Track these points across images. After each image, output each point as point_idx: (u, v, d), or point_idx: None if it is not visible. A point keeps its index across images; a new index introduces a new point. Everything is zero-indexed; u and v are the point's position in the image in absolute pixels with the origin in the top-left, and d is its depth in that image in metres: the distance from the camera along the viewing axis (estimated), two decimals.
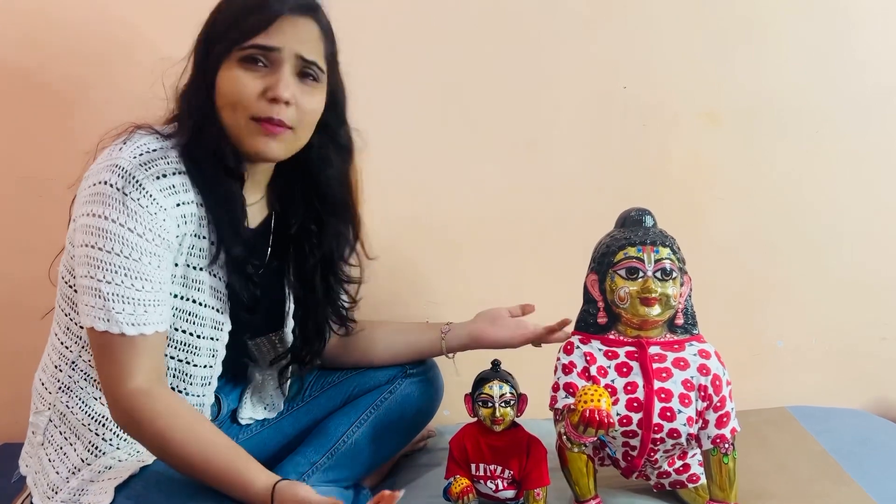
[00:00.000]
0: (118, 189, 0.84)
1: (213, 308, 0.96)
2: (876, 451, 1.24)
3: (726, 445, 0.96)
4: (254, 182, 1.00)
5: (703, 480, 1.04)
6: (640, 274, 0.95)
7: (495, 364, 1.02)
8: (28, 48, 1.31)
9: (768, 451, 1.25)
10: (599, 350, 0.99)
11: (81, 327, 0.92)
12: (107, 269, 0.84)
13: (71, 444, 0.95)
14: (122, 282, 0.85)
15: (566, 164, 1.43)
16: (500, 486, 1.01)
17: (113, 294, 0.84)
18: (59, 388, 0.96)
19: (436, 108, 1.40)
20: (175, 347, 0.95)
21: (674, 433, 0.94)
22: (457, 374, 1.19)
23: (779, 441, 1.28)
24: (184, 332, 0.94)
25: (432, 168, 1.42)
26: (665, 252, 0.96)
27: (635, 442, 0.97)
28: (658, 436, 0.95)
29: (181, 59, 0.95)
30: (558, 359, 1.00)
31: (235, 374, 1.12)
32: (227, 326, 0.98)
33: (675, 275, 0.96)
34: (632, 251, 0.96)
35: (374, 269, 1.43)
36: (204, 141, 0.91)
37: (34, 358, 1.03)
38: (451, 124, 1.40)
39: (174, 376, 0.96)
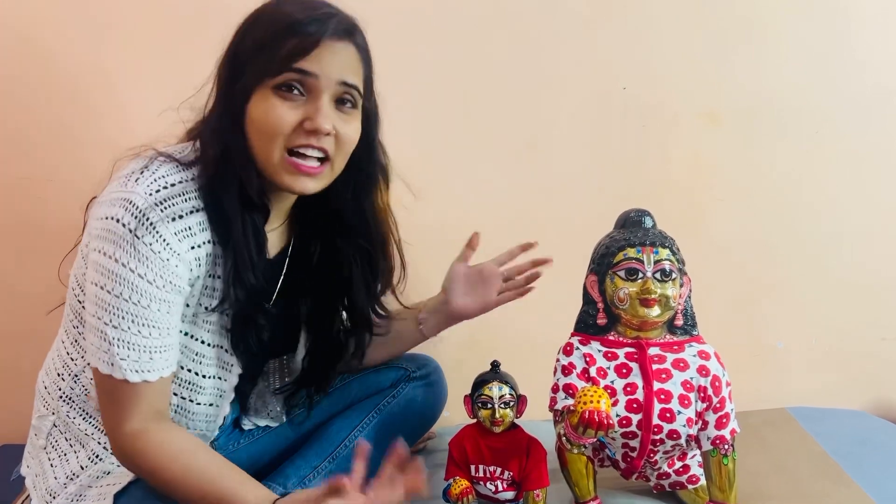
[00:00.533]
0: (130, 230, 0.80)
1: (221, 348, 0.93)
2: (876, 452, 1.24)
3: (726, 446, 0.96)
4: (278, 210, 0.95)
5: (703, 481, 1.04)
6: (640, 275, 0.95)
7: (495, 365, 1.02)
8: (28, 48, 1.31)
9: (768, 452, 1.25)
10: (599, 351, 0.99)
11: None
12: (114, 314, 0.81)
13: (74, 451, 0.94)
14: (129, 328, 0.82)
15: (566, 164, 1.43)
16: (500, 488, 1.01)
17: (118, 339, 0.82)
18: (61, 396, 0.95)
19: (436, 108, 1.39)
20: (179, 385, 0.92)
21: (673, 434, 0.94)
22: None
23: (778, 442, 1.28)
24: (188, 370, 0.92)
25: (432, 168, 1.42)
26: (664, 253, 0.96)
27: (635, 443, 0.97)
28: (658, 437, 0.95)
29: (203, 83, 0.90)
30: (557, 360, 1.00)
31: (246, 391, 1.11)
32: (237, 368, 0.95)
33: (674, 276, 0.96)
34: (631, 252, 0.96)
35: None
36: (229, 173, 0.85)
37: (35, 360, 1.03)
38: (450, 124, 1.40)
39: (176, 412, 0.93)
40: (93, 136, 0.94)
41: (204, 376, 0.93)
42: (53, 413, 0.96)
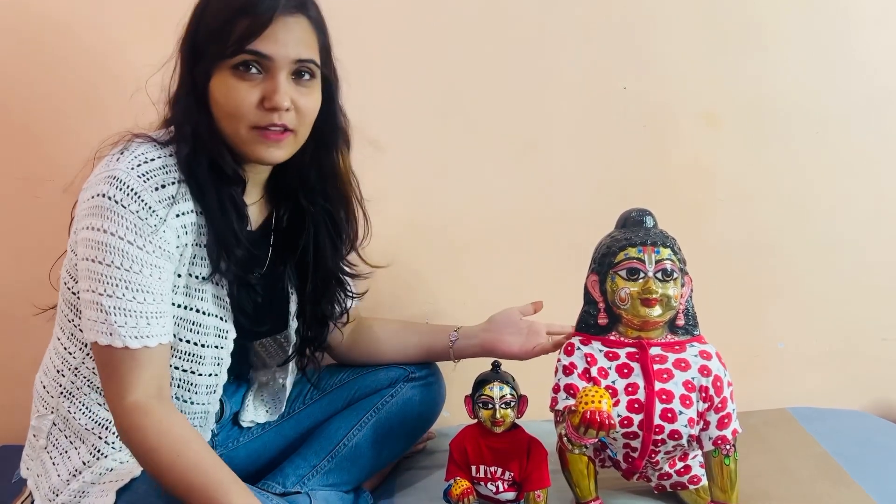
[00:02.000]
0: (117, 202, 0.83)
1: (216, 317, 0.95)
2: (877, 453, 1.23)
3: (727, 447, 0.95)
4: (254, 182, 0.99)
5: (705, 482, 1.03)
6: (641, 275, 0.95)
7: (495, 365, 1.02)
8: (26, 48, 1.31)
9: (769, 453, 1.24)
10: (600, 351, 0.98)
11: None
12: (108, 283, 0.84)
13: (75, 448, 0.94)
14: (124, 294, 0.84)
15: (566, 164, 1.43)
16: (501, 488, 1.01)
17: (114, 307, 0.84)
18: (61, 392, 0.95)
19: (436, 109, 1.39)
20: (179, 357, 0.94)
21: (675, 434, 0.94)
22: (454, 369, 1.19)
23: (780, 442, 1.28)
24: (188, 342, 0.93)
25: (432, 169, 1.42)
26: (666, 253, 0.96)
27: (636, 443, 0.96)
28: (659, 437, 0.95)
29: (165, 63, 0.92)
30: (559, 360, 1.00)
31: (238, 376, 1.12)
32: (232, 335, 0.97)
33: (675, 275, 0.95)
34: (632, 252, 0.96)
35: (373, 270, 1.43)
36: (202, 149, 0.89)
37: (32, 360, 1.03)
38: (451, 125, 1.40)
39: (179, 386, 0.95)
40: (92, 135, 0.95)
41: (203, 346, 0.95)
42: (53, 412, 0.96)
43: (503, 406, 0.98)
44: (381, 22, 1.36)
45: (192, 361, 0.95)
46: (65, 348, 0.95)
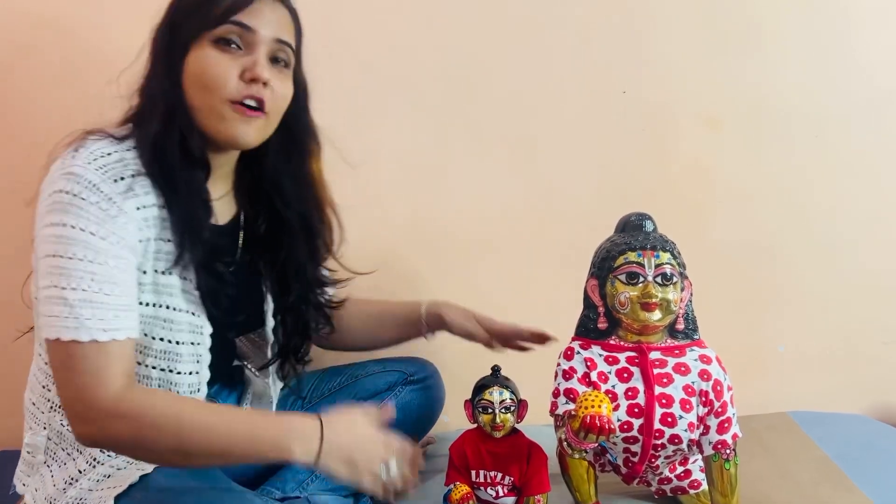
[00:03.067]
0: (75, 195, 0.81)
1: (188, 312, 0.92)
2: (878, 457, 1.23)
3: (728, 451, 0.95)
4: (218, 175, 0.97)
5: (705, 486, 1.03)
6: (641, 279, 0.95)
7: (495, 370, 1.02)
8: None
9: (770, 457, 1.24)
10: (600, 355, 0.98)
11: None
12: (72, 276, 0.81)
13: (72, 458, 0.93)
14: (90, 287, 0.81)
15: (566, 168, 1.43)
16: (501, 493, 1.01)
17: (80, 300, 0.81)
18: (51, 407, 0.93)
19: (437, 111, 1.39)
20: (156, 357, 0.91)
21: (675, 439, 0.94)
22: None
23: (780, 446, 1.28)
24: (161, 339, 0.90)
25: (433, 172, 1.42)
26: (665, 257, 0.96)
27: (636, 448, 0.96)
28: (659, 441, 0.94)
29: (134, 60, 0.92)
30: (559, 364, 1.00)
31: (231, 377, 1.11)
32: (207, 329, 0.94)
33: (675, 279, 0.95)
34: (632, 256, 0.96)
35: (374, 272, 1.43)
36: (170, 129, 0.87)
37: (23, 367, 1.02)
38: (451, 128, 1.40)
39: (160, 386, 0.92)
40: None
41: (178, 343, 0.92)
42: (45, 427, 0.95)
43: (503, 410, 0.98)
44: (382, 24, 1.36)
45: (169, 360, 0.92)
46: (45, 363, 0.92)
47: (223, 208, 0.99)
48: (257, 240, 1.02)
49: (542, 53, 1.38)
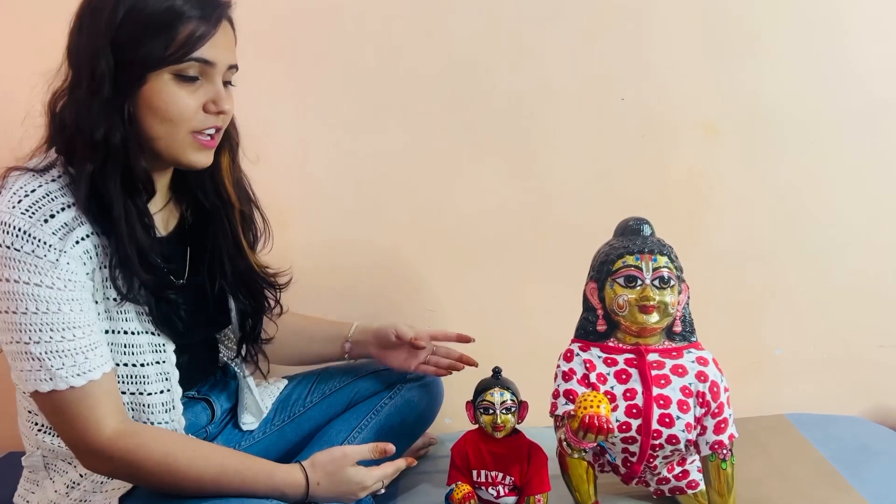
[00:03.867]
0: (8, 247, 0.78)
1: (147, 333, 0.91)
2: (874, 458, 1.24)
3: (724, 451, 0.97)
4: (160, 187, 0.95)
5: (703, 486, 1.05)
6: (639, 282, 0.96)
7: (496, 372, 1.03)
8: None
9: (767, 458, 1.25)
10: (599, 357, 1.00)
11: None
12: (30, 331, 0.80)
13: (74, 466, 0.94)
14: (51, 337, 0.80)
15: (566, 174, 1.44)
16: (502, 493, 1.02)
17: (46, 352, 0.80)
18: (40, 429, 0.93)
19: (438, 117, 1.41)
20: (123, 382, 0.90)
21: (672, 439, 0.95)
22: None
23: (778, 448, 1.29)
24: (125, 364, 0.89)
25: (434, 177, 1.44)
26: (663, 260, 0.97)
27: (634, 448, 0.98)
28: (657, 442, 0.96)
29: (47, 73, 0.86)
30: (558, 366, 1.01)
31: (224, 372, 1.12)
32: (170, 346, 0.94)
33: (672, 283, 0.97)
34: (630, 260, 0.97)
35: (373, 276, 1.45)
36: (111, 161, 0.83)
37: None
38: (452, 134, 1.42)
39: (133, 409, 0.91)
40: None
41: (142, 364, 0.91)
42: (38, 448, 0.95)
43: (504, 411, 0.99)
44: (384, 30, 1.38)
45: (136, 384, 0.91)
46: (22, 391, 0.92)
47: (167, 217, 0.98)
48: (195, 236, 1.01)
49: (542, 61, 1.40)
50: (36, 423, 0.94)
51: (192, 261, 1.00)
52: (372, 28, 1.37)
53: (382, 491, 0.98)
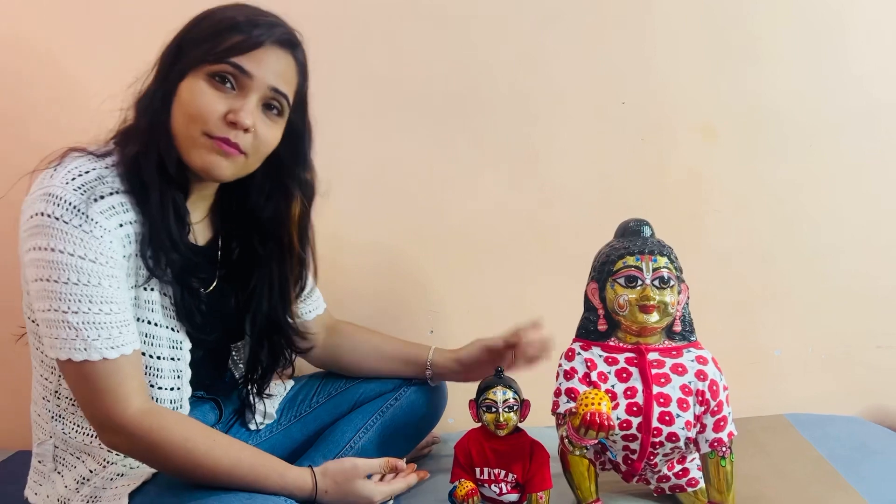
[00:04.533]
0: (57, 218, 0.81)
1: (167, 328, 0.94)
2: (873, 458, 1.25)
3: (723, 449, 0.98)
4: (198, 197, 0.98)
5: (702, 484, 1.06)
6: (639, 282, 0.98)
7: (499, 371, 1.04)
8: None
9: (766, 458, 1.26)
10: (600, 356, 1.01)
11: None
12: (70, 300, 0.82)
13: (82, 461, 0.95)
14: (90, 309, 0.83)
15: (567, 176, 1.46)
16: (504, 490, 1.03)
17: (83, 323, 0.82)
18: (53, 417, 0.96)
19: (442, 122, 1.43)
20: None
21: (672, 437, 0.97)
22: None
23: (777, 448, 1.30)
24: (143, 354, 0.92)
25: (437, 180, 1.45)
26: (663, 261, 0.98)
27: (635, 446, 0.99)
28: (657, 439, 0.97)
29: (143, 75, 0.93)
30: (560, 365, 1.03)
31: (230, 389, 1.14)
32: (187, 345, 0.96)
33: (672, 283, 0.98)
34: (630, 260, 0.99)
35: (377, 279, 1.46)
36: (151, 147, 0.88)
37: None
38: (455, 138, 1.44)
39: None
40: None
41: (159, 357, 0.93)
42: (51, 436, 0.97)
43: (506, 410, 1.00)
44: (389, 36, 1.40)
45: (151, 375, 0.93)
46: (41, 375, 0.96)
47: (202, 230, 1.00)
48: (231, 265, 1.03)
49: (544, 65, 1.42)
50: (50, 411, 0.95)
51: (220, 279, 1.02)
52: (376, 33, 1.39)
53: None
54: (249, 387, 1.11)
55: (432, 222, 1.47)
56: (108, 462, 0.95)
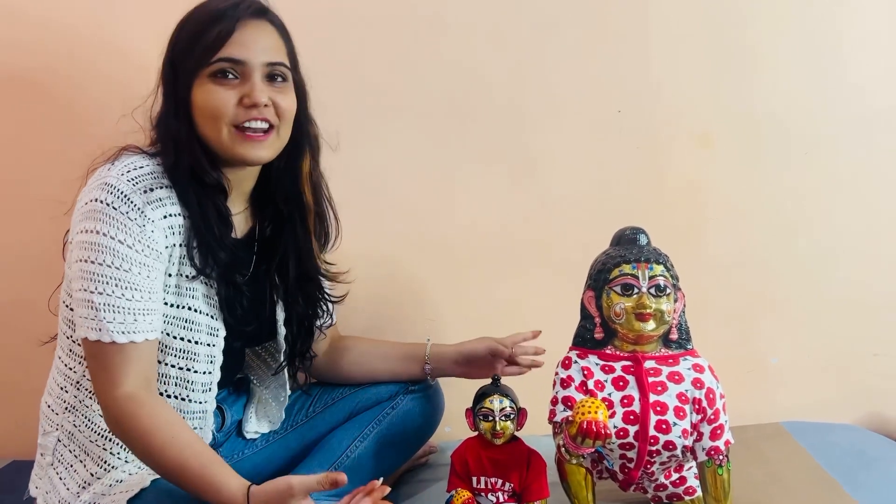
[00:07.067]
0: (108, 204, 0.88)
1: (207, 315, 0.99)
2: (870, 465, 1.25)
3: (720, 457, 0.98)
4: (238, 192, 1.03)
5: (699, 493, 1.05)
6: (635, 290, 0.98)
7: (495, 379, 1.04)
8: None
9: (764, 466, 1.26)
10: (596, 364, 1.01)
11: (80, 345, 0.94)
12: (98, 281, 0.88)
13: (81, 461, 0.97)
14: (113, 292, 0.88)
15: (564, 184, 1.46)
16: (501, 499, 1.03)
17: (104, 304, 0.88)
18: (66, 408, 0.98)
19: (440, 129, 1.43)
20: (175, 356, 0.97)
21: (669, 445, 0.97)
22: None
23: (774, 455, 1.30)
24: (182, 339, 0.97)
25: (434, 187, 1.46)
26: (659, 269, 0.99)
27: (632, 454, 0.99)
28: (654, 448, 0.97)
29: (149, 94, 1.00)
30: (556, 373, 1.03)
31: (237, 386, 1.15)
32: (222, 332, 1.01)
33: (668, 291, 0.98)
34: (627, 268, 0.99)
35: (374, 284, 1.46)
36: (182, 158, 0.94)
37: (42, 376, 1.05)
38: (452, 146, 1.44)
39: (177, 384, 0.99)
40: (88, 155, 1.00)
41: (196, 342, 0.98)
42: (57, 428, 0.99)
43: (503, 418, 1.00)
44: (387, 43, 1.40)
45: (187, 359, 0.98)
46: (65, 365, 0.99)
47: (241, 222, 1.05)
48: (267, 246, 1.07)
49: (542, 73, 1.42)
50: (65, 401, 0.98)
51: (256, 264, 1.06)
52: (372, 38, 1.39)
53: None
54: (295, 354, 1.12)
55: (430, 230, 1.47)
56: (108, 465, 0.96)
